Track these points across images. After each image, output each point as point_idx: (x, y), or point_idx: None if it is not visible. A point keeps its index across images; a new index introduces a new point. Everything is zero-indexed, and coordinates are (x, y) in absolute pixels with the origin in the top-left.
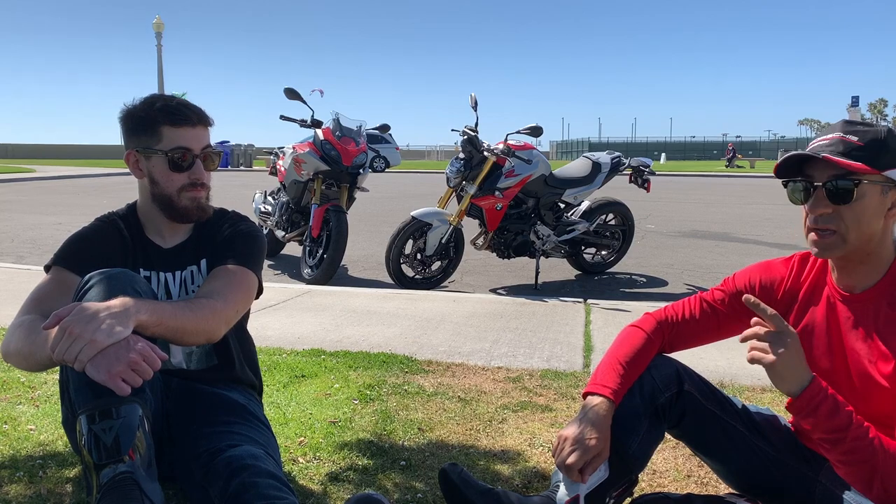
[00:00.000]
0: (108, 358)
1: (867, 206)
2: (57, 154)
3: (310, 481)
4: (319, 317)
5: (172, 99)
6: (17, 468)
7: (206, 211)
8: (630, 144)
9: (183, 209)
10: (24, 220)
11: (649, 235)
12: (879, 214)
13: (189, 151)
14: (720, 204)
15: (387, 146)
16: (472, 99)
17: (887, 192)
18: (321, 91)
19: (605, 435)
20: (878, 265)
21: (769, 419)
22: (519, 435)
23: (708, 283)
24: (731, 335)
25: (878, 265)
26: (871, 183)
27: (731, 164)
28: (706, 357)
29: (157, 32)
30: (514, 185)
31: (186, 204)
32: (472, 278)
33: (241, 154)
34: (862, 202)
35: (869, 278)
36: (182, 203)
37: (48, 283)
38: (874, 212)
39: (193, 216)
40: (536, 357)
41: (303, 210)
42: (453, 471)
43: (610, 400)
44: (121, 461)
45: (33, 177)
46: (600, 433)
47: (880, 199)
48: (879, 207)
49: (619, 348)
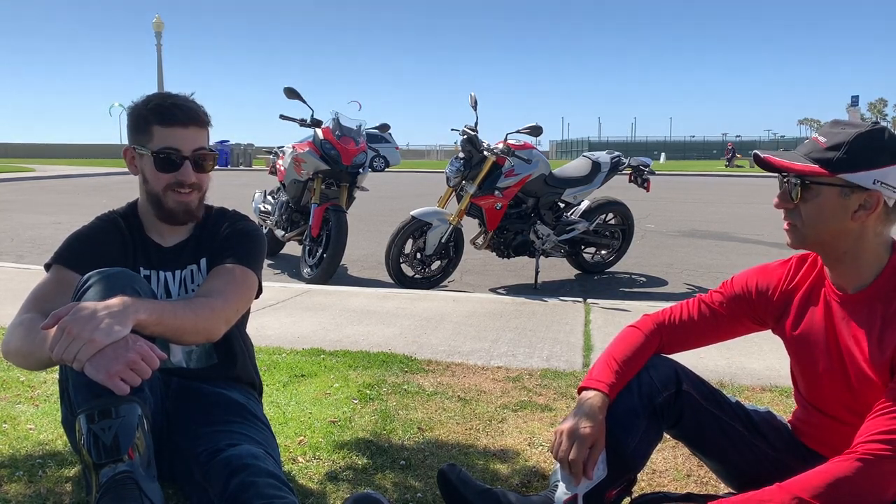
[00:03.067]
0: (106, 357)
1: (822, 207)
2: (56, 153)
3: (309, 480)
4: (319, 316)
5: (168, 97)
6: (17, 467)
7: (194, 214)
8: (630, 144)
9: (169, 210)
10: (23, 219)
11: (649, 235)
12: (840, 216)
13: (177, 152)
14: (720, 203)
15: (387, 146)
16: (472, 98)
17: (848, 195)
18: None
19: (600, 425)
20: (866, 266)
21: (768, 419)
22: (518, 434)
23: (707, 282)
24: (728, 338)
25: (867, 266)
26: (823, 185)
27: (731, 163)
28: (706, 357)
29: (157, 32)
30: (513, 185)
31: (172, 206)
32: (472, 278)
33: (241, 153)
34: (815, 202)
35: (860, 279)
36: (168, 204)
37: (48, 282)
38: (832, 213)
39: (180, 219)
40: (536, 356)
41: (302, 209)
42: (452, 471)
43: (604, 393)
44: (120, 461)
45: (33, 176)
46: (594, 423)
47: (839, 200)
48: (839, 209)
49: (615, 347)
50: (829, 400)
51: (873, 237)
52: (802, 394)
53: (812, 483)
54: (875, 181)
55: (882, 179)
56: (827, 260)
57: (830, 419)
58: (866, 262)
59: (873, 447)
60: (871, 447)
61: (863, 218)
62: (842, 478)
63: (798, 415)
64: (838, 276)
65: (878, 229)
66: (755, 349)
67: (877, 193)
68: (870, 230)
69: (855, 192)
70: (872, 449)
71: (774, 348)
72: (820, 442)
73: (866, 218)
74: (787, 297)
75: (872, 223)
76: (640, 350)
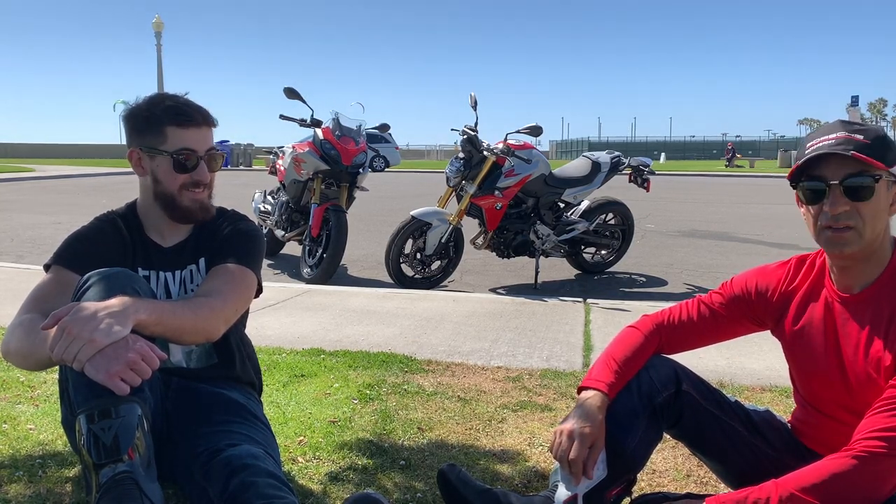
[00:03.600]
0: (106, 357)
1: (880, 203)
2: (56, 153)
3: (309, 481)
4: (319, 316)
5: (178, 98)
6: (17, 467)
7: (210, 210)
8: (630, 144)
9: (185, 209)
10: (23, 219)
11: (649, 235)
12: (887, 209)
13: (194, 153)
14: (720, 203)
15: (386, 146)
16: (472, 98)
17: (891, 188)
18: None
19: (599, 424)
20: (877, 263)
21: (767, 418)
22: (518, 434)
23: (707, 282)
24: (728, 338)
25: (878, 263)
26: (885, 179)
27: (731, 163)
28: (706, 357)
29: (157, 32)
30: (513, 185)
31: (188, 204)
32: (472, 278)
33: (241, 153)
34: (875, 199)
35: (867, 277)
36: (184, 203)
37: (48, 283)
38: (884, 207)
39: (197, 216)
40: (536, 356)
41: (302, 209)
42: (451, 472)
43: (603, 393)
44: (120, 461)
45: (32, 176)
46: (593, 422)
47: (886, 194)
48: (886, 203)
49: (615, 347)
50: (828, 400)
51: (889, 232)
52: (801, 394)
53: (808, 479)
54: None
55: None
56: (855, 262)
57: (829, 419)
58: (878, 260)
59: (870, 444)
60: (869, 444)
61: (894, 210)
62: (838, 474)
63: (797, 415)
64: (850, 277)
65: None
66: (755, 349)
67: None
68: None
69: (894, 184)
70: (869, 446)
71: (774, 348)
72: (819, 442)
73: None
74: (786, 298)
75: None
76: (639, 350)
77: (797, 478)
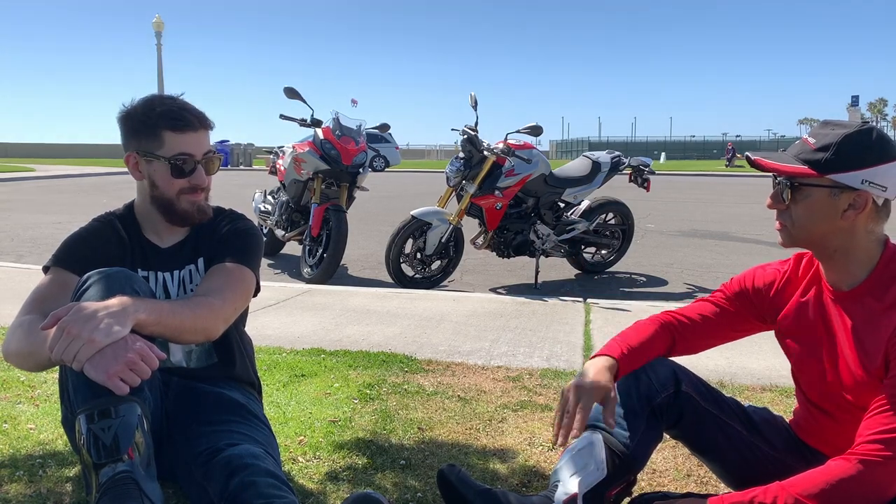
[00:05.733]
0: (106, 357)
1: (812, 208)
2: (56, 153)
3: (309, 480)
4: (319, 316)
5: (173, 101)
6: (17, 467)
7: (206, 212)
8: (630, 144)
9: (182, 212)
10: (23, 219)
11: (649, 235)
12: (830, 216)
13: (191, 157)
14: (720, 203)
15: (387, 145)
16: (472, 98)
17: (837, 195)
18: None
19: (608, 381)
20: (858, 263)
21: (767, 418)
22: (518, 434)
23: (707, 282)
24: (736, 336)
25: (859, 263)
26: (812, 186)
27: (731, 163)
28: (706, 357)
29: (157, 32)
30: (513, 185)
31: (186, 207)
32: (472, 277)
33: (241, 153)
34: (805, 203)
35: (853, 276)
36: (182, 206)
37: (47, 284)
38: (822, 213)
39: (194, 219)
40: (536, 356)
41: (302, 209)
42: (451, 471)
43: (612, 357)
44: (120, 460)
45: (33, 176)
46: (602, 378)
47: (829, 201)
48: (829, 209)
49: (629, 332)
50: (827, 397)
51: (864, 235)
52: (802, 390)
53: (813, 483)
54: (863, 181)
55: (870, 179)
56: (819, 258)
57: (829, 416)
58: (858, 260)
59: (873, 448)
60: (871, 448)
61: (852, 217)
62: (843, 478)
63: (798, 412)
64: (832, 274)
65: (870, 227)
66: (755, 349)
67: (865, 193)
68: (860, 229)
69: (844, 192)
70: (872, 449)
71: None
72: (820, 439)
73: (856, 217)
74: (782, 296)
75: (863, 222)
76: (651, 340)
77: (802, 481)
